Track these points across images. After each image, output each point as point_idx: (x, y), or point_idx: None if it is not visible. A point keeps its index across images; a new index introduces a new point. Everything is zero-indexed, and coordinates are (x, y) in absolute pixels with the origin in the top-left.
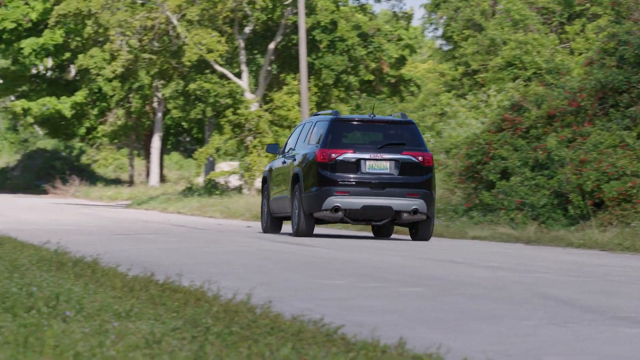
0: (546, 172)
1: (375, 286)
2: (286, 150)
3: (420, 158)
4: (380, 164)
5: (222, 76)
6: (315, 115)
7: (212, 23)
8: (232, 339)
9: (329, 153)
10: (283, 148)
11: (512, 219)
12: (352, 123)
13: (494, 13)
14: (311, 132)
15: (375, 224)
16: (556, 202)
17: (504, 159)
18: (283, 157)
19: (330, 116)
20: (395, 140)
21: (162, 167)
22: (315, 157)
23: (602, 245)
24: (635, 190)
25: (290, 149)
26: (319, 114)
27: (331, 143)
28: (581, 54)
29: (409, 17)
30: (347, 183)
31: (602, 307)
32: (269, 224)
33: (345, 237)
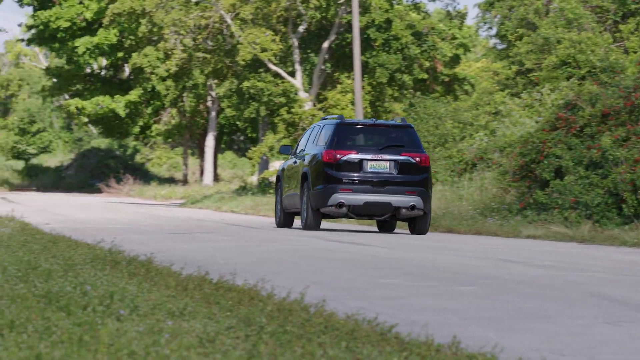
0: (600, 171)
1: (430, 285)
2: (297, 151)
3: (417, 159)
4: (381, 164)
5: (276, 75)
6: (325, 118)
7: (266, 22)
8: (285, 338)
9: (334, 154)
10: (295, 149)
11: (566, 218)
12: (355, 127)
13: (547, 12)
14: (319, 134)
15: (377, 219)
16: (610, 201)
17: (558, 157)
18: (294, 158)
19: (336, 120)
20: (394, 142)
21: (216, 166)
22: (322, 157)
23: None
24: None
25: (301, 150)
26: (326, 119)
27: (336, 145)
28: (635, 53)
29: (462, 15)
30: (350, 181)
31: None
32: (281, 219)
33: (351, 231)
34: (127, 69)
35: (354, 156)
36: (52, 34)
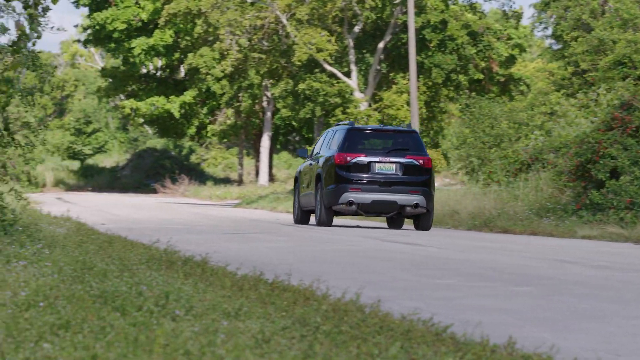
0: None
1: (485, 285)
2: (313, 154)
3: (421, 161)
4: (387, 166)
5: (332, 75)
6: (338, 124)
7: (321, 22)
8: (341, 338)
9: (345, 156)
10: (311, 152)
11: (622, 219)
12: (365, 132)
13: (603, 12)
14: (332, 139)
15: (384, 216)
16: None
17: (614, 158)
18: (310, 160)
19: (347, 126)
20: (400, 146)
21: (271, 166)
22: (333, 159)
23: None
24: None
25: (316, 153)
26: (339, 124)
27: (347, 148)
28: None
29: (518, 16)
30: (359, 181)
31: None
32: (299, 216)
33: (362, 227)
34: (182, 70)
35: (363, 158)
36: (108, 34)
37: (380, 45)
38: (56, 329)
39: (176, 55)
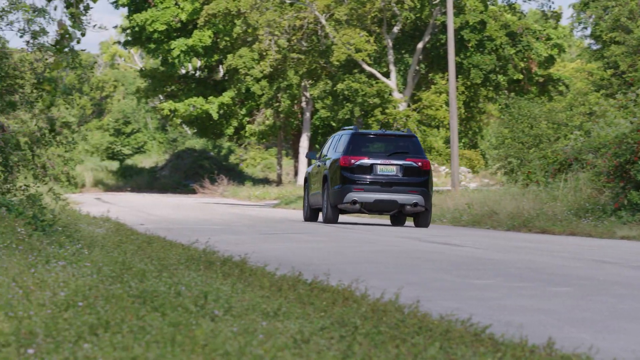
0: None
1: (524, 286)
2: (321, 157)
3: (419, 163)
4: (388, 168)
5: (370, 76)
6: (344, 129)
7: (360, 23)
8: (380, 339)
9: (350, 159)
10: (319, 155)
11: None
12: (368, 136)
13: None
14: (338, 142)
15: (386, 214)
16: None
17: None
18: (319, 162)
19: (352, 131)
20: (400, 149)
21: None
22: (339, 162)
23: None
24: None
25: (324, 155)
26: (345, 129)
27: (352, 151)
28: None
29: (557, 16)
30: (363, 182)
31: None
32: (308, 214)
33: (366, 224)
34: (221, 70)
35: (366, 161)
36: (147, 36)
37: (419, 45)
38: (95, 329)
39: (215, 55)
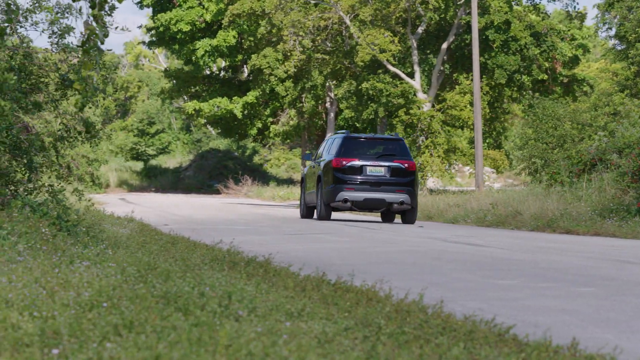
0: None
1: (548, 286)
2: (317, 158)
3: (406, 165)
4: (377, 169)
5: (395, 76)
6: (337, 133)
7: (384, 23)
8: (403, 339)
9: (341, 161)
10: (315, 156)
11: None
12: (359, 140)
13: None
14: (332, 145)
15: (375, 212)
16: None
17: None
18: (313, 163)
19: (344, 134)
20: (388, 152)
21: None
22: (331, 163)
23: None
24: None
25: (319, 157)
26: (337, 133)
27: (343, 154)
28: None
29: (582, 16)
30: (353, 182)
31: None
32: (304, 211)
33: (356, 221)
34: (245, 70)
35: (356, 162)
36: (172, 36)
37: (444, 45)
38: (119, 329)
39: (239, 56)
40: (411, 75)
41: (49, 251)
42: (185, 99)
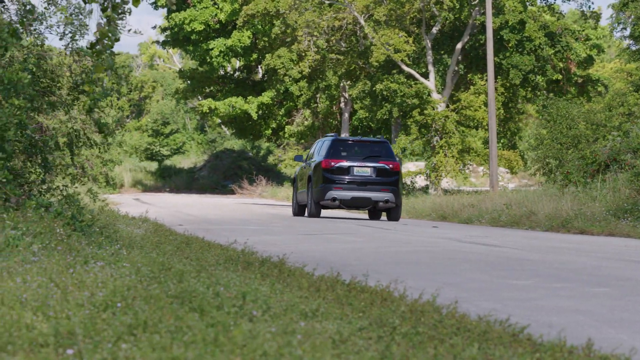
0: None
1: (562, 286)
2: (308, 159)
3: (390, 166)
4: (364, 169)
5: (409, 76)
6: (326, 136)
7: (399, 23)
8: (418, 339)
9: (330, 162)
10: (306, 158)
11: None
12: (346, 142)
13: None
14: (321, 147)
15: (362, 209)
16: None
17: None
18: (305, 164)
19: (332, 137)
20: (374, 153)
21: None
22: (321, 164)
23: None
24: None
25: (310, 158)
26: (327, 136)
27: (332, 155)
28: None
29: (597, 16)
30: (341, 182)
31: None
32: (296, 209)
33: (345, 218)
34: (260, 70)
35: (344, 163)
36: (186, 36)
37: (458, 46)
38: (134, 329)
39: (254, 56)
40: (425, 75)
41: (64, 251)
42: (200, 99)
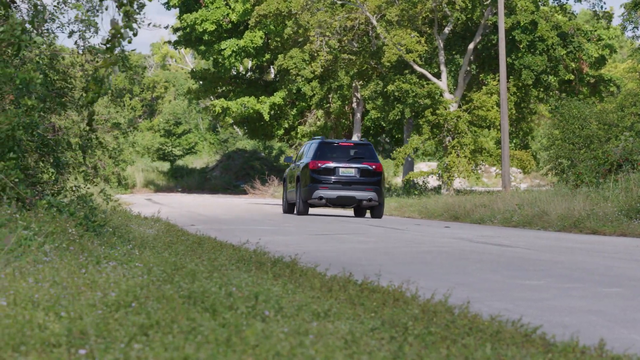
0: None
1: (574, 286)
2: (297, 161)
3: (373, 166)
4: (348, 170)
5: (421, 76)
6: (314, 138)
7: (411, 23)
8: (430, 339)
9: (317, 163)
10: (295, 159)
11: None
12: (332, 144)
13: None
14: (309, 149)
15: (347, 207)
16: None
17: None
18: (294, 165)
19: (320, 140)
20: (358, 155)
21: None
22: (308, 165)
23: None
24: None
25: (299, 159)
26: (315, 138)
27: (319, 157)
28: None
29: (609, 16)
30: (327, 182)
31: None
32: (286, 207)
33: (331, 216)
34: (272, 71)
35: (330, 164)
36: (198, 36)
37: (470, 46)
38: (146, 329)
39: (266, 56)
40: (438, 75)
41: (76, 251)
42: (212, 99)
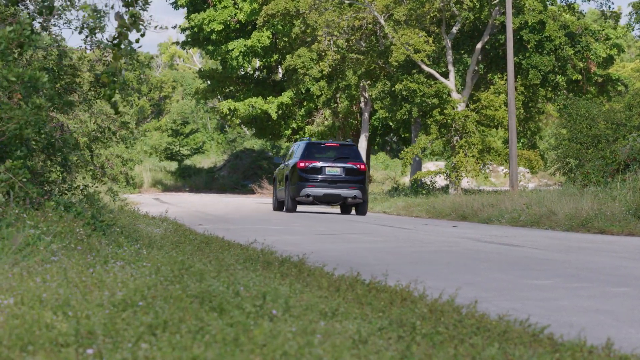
0: None
1: (582, 286)
2: (286, 160)
3: (358, 166)
4: (334, 169)
5: (429, 76)
6: (301, 139)
7: (419, 23)
8: (438, 339)
9: (305, 162)
10: (285, 159)
11: None
12: (319, 145)
13: None
14: (297, 150)
15: (333, 205)
16: None
17: None
18: (283, 164)
19: (307, 141)
20: (343, 155)
21: (368, 167)
22: (296, 164)
23: None
24: None
25: (288, 159)
26: (302, 139)
27: (306, 157)
28: None
29: (617, 16)
30: (314, 180)
31: None
32: (276, 205)
33: (318, 212)
34: (280, 70)
35: (317, 164)
36: (206, 36)
37: (478, 46)
38: (154, 329)
39: (274, 56)
40: (445, 75)
41: (84, 251)
42: (220, 99)
